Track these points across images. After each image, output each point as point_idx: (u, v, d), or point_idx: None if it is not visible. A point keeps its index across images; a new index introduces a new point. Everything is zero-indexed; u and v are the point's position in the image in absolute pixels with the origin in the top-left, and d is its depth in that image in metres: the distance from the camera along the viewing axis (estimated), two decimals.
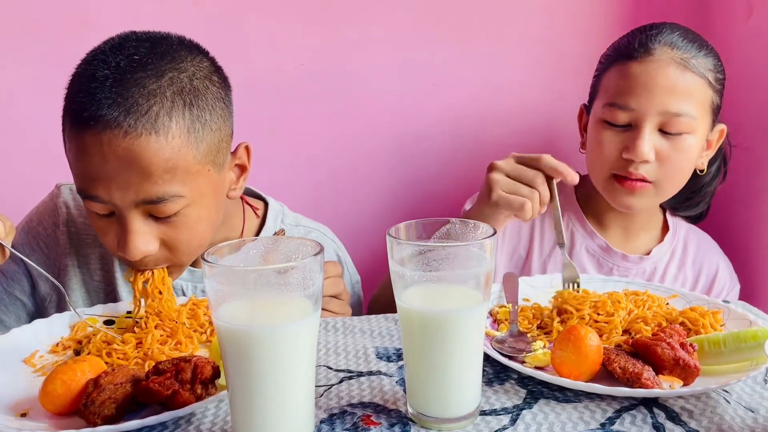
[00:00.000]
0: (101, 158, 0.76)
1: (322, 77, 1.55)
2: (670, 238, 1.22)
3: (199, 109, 0.81)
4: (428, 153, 1.65)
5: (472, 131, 1.60)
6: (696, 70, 1.04)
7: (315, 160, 1.59)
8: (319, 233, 1.12)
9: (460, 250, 0.61)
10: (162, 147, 0.77)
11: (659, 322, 0.82)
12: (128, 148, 0.76)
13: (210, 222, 0.88)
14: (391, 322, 0.89)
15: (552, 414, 0.65)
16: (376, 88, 1.58)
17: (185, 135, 0.79)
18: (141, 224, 0.80)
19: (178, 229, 0.83)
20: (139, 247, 0.80)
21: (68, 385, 0.64)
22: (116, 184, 0.77)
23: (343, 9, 1.53)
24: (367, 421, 0.64)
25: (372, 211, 1.60)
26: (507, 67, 1.60)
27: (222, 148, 0.87)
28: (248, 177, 0.95)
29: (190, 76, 0.81)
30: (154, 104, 0.77)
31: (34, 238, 1.00)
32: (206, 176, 0.84)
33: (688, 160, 1.08)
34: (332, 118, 1.58)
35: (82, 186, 0.80)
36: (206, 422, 0.64)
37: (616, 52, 1.11)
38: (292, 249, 0.59)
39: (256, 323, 0.55)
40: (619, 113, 1.05)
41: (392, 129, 1.62)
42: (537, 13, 1.56)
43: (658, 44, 1.05)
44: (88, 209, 0.83)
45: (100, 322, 0.86)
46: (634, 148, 1.04)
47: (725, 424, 0.63)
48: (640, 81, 1.04)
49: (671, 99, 1.03)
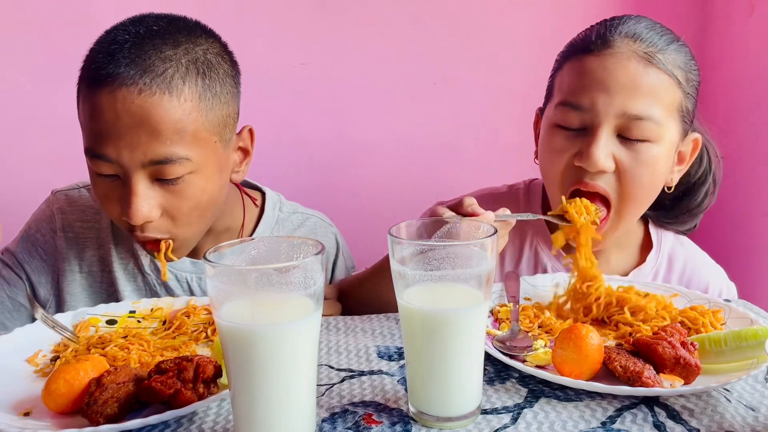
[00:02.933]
0: (114, 115, 0.79)
1: (322, 76, 1.55)
2: (653, 258, 1.06)
3: (210, 80, 0.85)
4: (429, 152, 1.65)
5: (473, 130, 1.60)
6: (663, 66, 0.89)
7: (315, 159, 1.59)
8: (316, 219, 1.13)
9: (461, 250, 0.62)
10: (173, 107, 0.80)
11: (662, 315, 0.83)
12: (141, 105, 0.79)
13: (212, 199, 0.89)
14: (393, 321, 0.89)
15: (553, 413, 0.65)
16: (376, 88, 1.58)
17: (196, 100, 0.82)
18: (145, 188, 0.82)
19: (182, 197, 0.84)
20: (143, 210, 0.81)
21: (71, 384, 0.64)
22: (126, 142, 0.79)
23: (344, 8, 1.53)
24: (369, 420, 0.64)
25: (371, 209, 1.60)
26: (509, 67, 1.60)
27: (229, 124, 0.89)
28: (251, 162, 0.97)
29: (204, 50, 0.85)
30: (169, 67, 0.81)
31: (33, 245, 1.01)
32: (212, 147, 0.86)
33: (653, 174, 0.92)
34: (333, 117, 1.58)
35: (91, 145, 0.82)
36: (208, 421, 0.64)
37: (572, 47, 0.96)
38: (293, 248, 0.60)
39: (257, 322, 0.55)
40: (572, 114, 0.91)
41: (393, 128, 1.62)
42: (539, 13, 1.57)
43: (619, 35, 0.90)
44: (94, 174, 0.85)
45: (103, 321, 0.86)
46: (588, 155, 0.89)
47: (726, 422, 0.64)
48: (596, 77, 0.90)
49: (632, 99, 0.88)
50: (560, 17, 1.56)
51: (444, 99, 1.60)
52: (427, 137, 1.62)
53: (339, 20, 1.52)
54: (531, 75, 1.58)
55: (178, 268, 1.00)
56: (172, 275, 1.00)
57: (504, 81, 1.61)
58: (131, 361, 0.74)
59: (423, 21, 1.56)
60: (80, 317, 0.86)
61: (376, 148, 1.62)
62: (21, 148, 1.47)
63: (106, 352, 0.75)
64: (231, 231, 1.03)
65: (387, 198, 1.63)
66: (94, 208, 1.02)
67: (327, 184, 1.60)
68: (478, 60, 1.59)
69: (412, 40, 1.56)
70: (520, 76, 1.60)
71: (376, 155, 1.62)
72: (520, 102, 1.58)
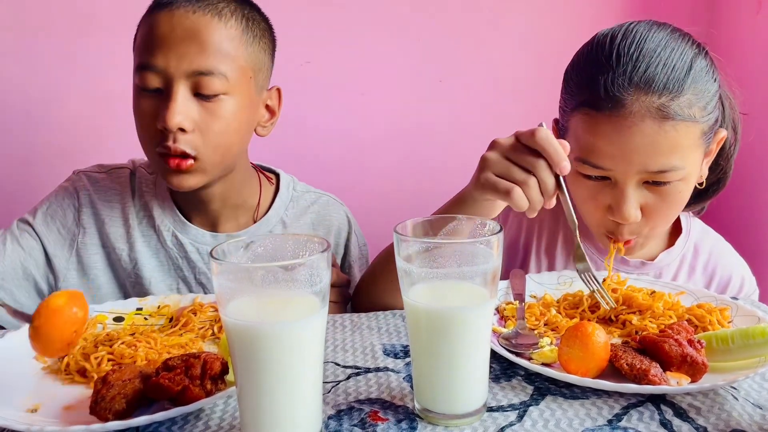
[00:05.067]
0: (170, 28, 0.90)
1: (327, 74, 1.55)
2: (682, 242, 1.08)
3: (254, 24, 0.97)
4: (434, 150, 1.65)
5: (478, 128, 1.60)
6: (679, 115, 0.85)
7: (320, 157, 1.60)
8: (328, 197, 1.17)
9: (467, 247, 0.62)
10: (220, 29, 0.92)
11: (669, 315, 0.83)
12: (195, 21, 0.91)
13: (239, 132, 0.97)
14: (399, 318, 0.89)
15: (559, 410, 0.65)
16: (381, 85, 1.58)
17: (240, 32, 0.94)
18: (185, 97, 0.90)
19: (214, 115, 0.92)
20: (179, 114, 0.89)
21: (53, 322, 0.63)
22: (176, 52, 0.90)
23: (348, 6, 1.53)
24: (375, 417, 0.64)
25: (377, 207, 1.60)
26: (514, 64, 1.60)
27: (263, 70, 1.00)
28: (276, 123, 1.05)
29: (250, 7, 0.99)
30: (221, 1, 0.94)
31: (52, 218, 1.04)
32: (247, 82, 0.96)
33: (680, 204, 0.94)
34: (337, 114, 1.58)
35: (144, 58, 0.91)
36: (215, 418, 0.65)
37: (579, 90, 0.91)
38: (299, 246, 0.60)
39: (264, 320, 0.56)
40: (593, 170, 0.90)
41: (398, 126, 1.62)
42: (544, 11, 1.56)
43: (629, 90, 0.85)
44: (139, 92, 0.93)
45: (110, 319, 0.87)
46: (619, 212, 0.90)
47: (733, 420, 0.63)
48: (612, 141, 0.87)
49: (652, 158, 0.86)
50: (568, 15, 1.55)
51: (449, 96, 1.60)
52: (432, 134, 1.62)
53: (343, 18, 1.52)
54: (536, 73, 1.57)
55: (200, 241, 1.05)
56: (193, 248, 1.04)
57: (509, 79, 1.60)
58: (138, 358, 0.75)
59: (427, 18, 1.55)
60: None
61: (380, 146, 1.62)
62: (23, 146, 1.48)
63: (114, 350, 0.76)
64: (248, 206, 1.08)
65: (392, 195, 1.63)
66: (116, 190, 1.06)
67: (331, 181, 1.60)
68: (483, 57, 1.59)
69: (417, 37, 1.56)
70: (525, 74, 1.60)
71: (381, 153, 1.62)
72: (526, 100, 1.58)
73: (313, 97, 1.55)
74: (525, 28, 1.58)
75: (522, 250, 1.13)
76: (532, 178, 0.77)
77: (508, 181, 0.78)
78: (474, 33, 1.57)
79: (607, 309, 0.85)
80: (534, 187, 0.77)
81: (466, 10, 1.56)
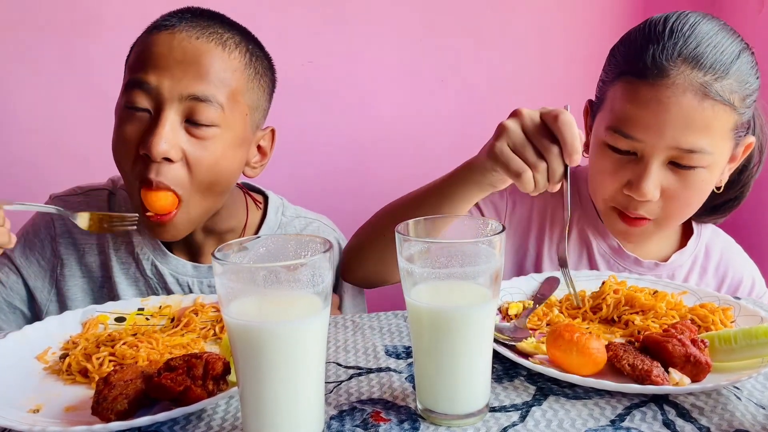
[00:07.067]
0: (168, 49, 0.85)
1: (329, 74, 1.55)
2: (693, 243, 1.08)
3: (257, 61, 0.93)
4: (436, 149, 1.64)
5: (480, 128, 1.60)
6: (719, 97, 0.86)
7: (321, 156, 1.59)
8: (319, 223, 1.13)
9: (469, 247, 0.61)
10: (223, 59, 0.88)
11: (672, 315, 0.83)
12: (196, 46, 0.86)
13: (228, 170, 0.91)
14: (401, 319, 0.89)
15: (561, 411, 0.65)
16: (383, 85, 1.58)
17: (243, 65, 0.90)
18: (174, 123, 0.84)
19: (204, 148, 0.87)
20: (166, 142, 0.83)
21: None
22: (171, 73, 0.84)
23: (351, 6, 1.53)
24: (377, 418, 0.64)
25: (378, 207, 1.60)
26: (515, 63, 1.60)
27: (260, 109, 0.95)
28: (266, 166, 1.00)
29: (254, 43, 0.95)
30: (226, 32, 0.90)
31: (30, 250, 1.01)
32: (243, 119, 0.91)
33: (699, 195, 0.94)
34: (339, 114, 1.58)
35: (135, 74, 0.86)
36: (217, 418, 0.65)
37: (625, 60, 0.92)
38: (301, 246, 0.60)
39: (265, 320, 0.56)
40: (622, 140, 0.91)
41: (399, 125, 1.62)
42: (546, 9, 1.56)
43: (676, 61, 0.86)
44: (123, 110, 0.87)
45: (112, 319, 0.87)
46: (638, 188, 0.90)
47: (736, 420, 0.63)
48: (649, 109, 0.87)
49: (684, 134, 0.87)
50: (570, 13, 1.55)
51: (451, 96, 1.60)
52: (434, 134, 1.62)
53: (346, 18, 1.52)
54: (538, 72, 1.57)
55: (180, 272, 1.00)
56: (173, 279, 1.00)
57: (511, 78, 1.60)
58: (140, 358, 0.75)
59: (430, 18, 1.55)
60: (89, 315, 0.87)
61: (383, 145, 1.61)
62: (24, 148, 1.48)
63: (116, 350, 0.76)
64: (234, 233, 1.04)
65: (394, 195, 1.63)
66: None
67: (334, 181, 1.60)
68: (486, 57, 1.59)
69: (419, 37, 1.56)
70: (527, 73, 1.59)
71: (384, 152, 1.62)
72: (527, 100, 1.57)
73: (315, 97, 1.54)
74: (525, 28, 1.58)
75: (533, 228, 1.11)
76: (542, 164, 0.78)
77: (521, 159, 0.78)
78: (475, 33, 1.57)
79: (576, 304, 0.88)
80: (543, 173, 0.78)
81: (468, 10, 1.56)
